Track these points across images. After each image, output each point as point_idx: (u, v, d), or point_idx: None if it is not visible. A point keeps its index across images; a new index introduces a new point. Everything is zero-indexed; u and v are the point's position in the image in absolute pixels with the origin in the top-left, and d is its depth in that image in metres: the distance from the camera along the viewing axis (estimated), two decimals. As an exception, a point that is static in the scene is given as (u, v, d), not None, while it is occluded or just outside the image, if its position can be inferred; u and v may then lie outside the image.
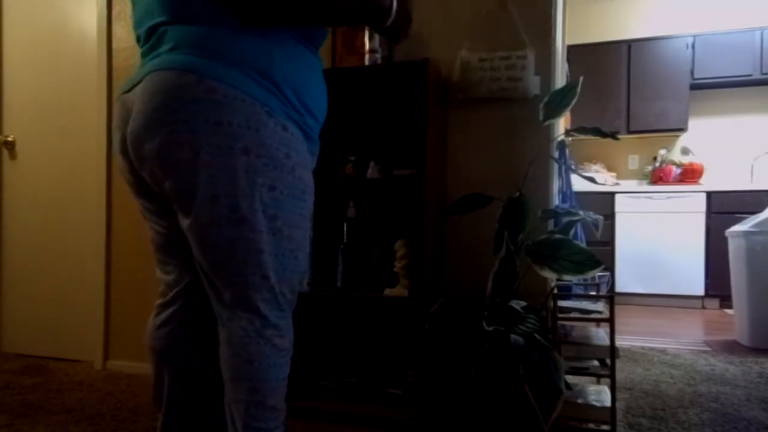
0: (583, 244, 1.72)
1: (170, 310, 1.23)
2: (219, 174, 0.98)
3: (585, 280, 2.20)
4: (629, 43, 4.92)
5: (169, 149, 0.98)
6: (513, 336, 1.55)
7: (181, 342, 1.23)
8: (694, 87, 4.85)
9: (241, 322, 1.07)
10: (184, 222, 1.04)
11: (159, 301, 1.26)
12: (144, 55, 1.09)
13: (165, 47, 1.02)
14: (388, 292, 1.91)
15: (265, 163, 1.00)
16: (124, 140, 1.07)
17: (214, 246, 1.03)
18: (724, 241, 3.45)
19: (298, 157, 1.06)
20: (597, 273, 1.59)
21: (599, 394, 1.80)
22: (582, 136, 1.97)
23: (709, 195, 4.47)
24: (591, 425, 1.73)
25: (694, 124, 4.94)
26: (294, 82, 1.05)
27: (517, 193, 1.77)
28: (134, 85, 1.05)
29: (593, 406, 1.71)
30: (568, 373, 1.72)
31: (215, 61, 0.98)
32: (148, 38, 1.07)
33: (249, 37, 1.01)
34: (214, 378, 1.22)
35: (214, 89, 0.97)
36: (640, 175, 5.13)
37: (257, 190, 1.01)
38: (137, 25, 1.11)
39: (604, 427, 1.71)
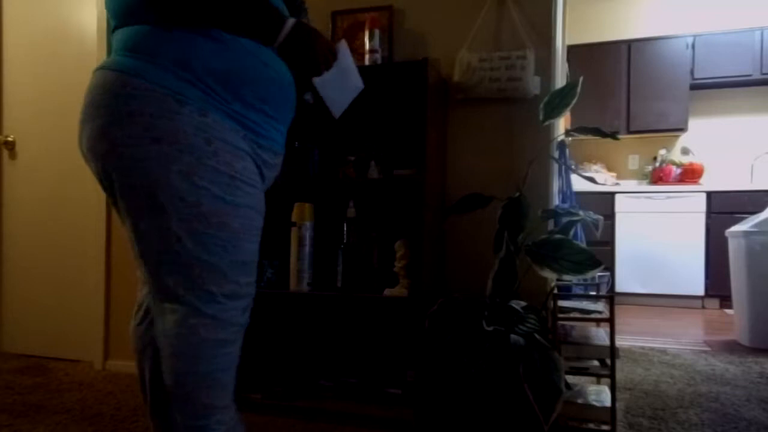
0: (583, 244, 1.72)
1: (143, 308, 1.26)
2: (133, 164, 1.01)
3: (585, 280, 2.20)
4: (629, 43, 4.92)
5: (94, 143, 1.04)
6: (513, 336, 1.55)
7: (153, 340, 1.22)
8: (694, 87, 4.85)
9: (169, 314, 1.06)
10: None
11: (137, 299, 1.29)
12: None
13: (113, 50, 1.10)
14: (388, 292, 1.91)
15: (179, 150, 1.01)
16: None
17: (140, 236, 1.05)
18: (724, 241, 3.45)
19: (222, 143, 1.05)
20: (597, 273, 1.60)
21: (599, 394, 1.80)
22: (582, 136, 1.97)
23: (709, 195, 4.47)
24: (591, 425, 1.73)
25: (694, 124, 4.94)
26: (220, 72, 1.05)
27: (517, 193, 1.77)
28: None
29: (593, 406, 1.71)
30: (568, 373, 1.72)
31: (134, 57, 1.04)
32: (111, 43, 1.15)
33: (172, 32, 1.04)
34: None
35: (129, 83, 1.01)
36: (640, 175, 5.13)
37: (173, 178, 1.01)
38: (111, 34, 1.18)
39: (604, 427, 1.71)
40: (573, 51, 4.78)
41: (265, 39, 1.08)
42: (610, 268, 4.57)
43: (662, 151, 4.99)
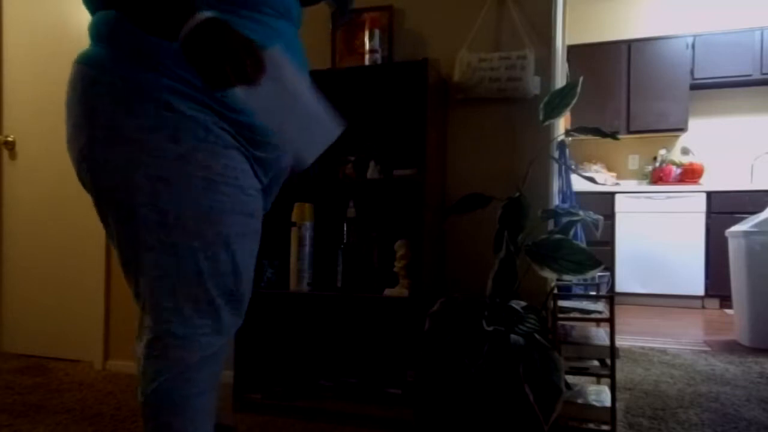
0: (583, 244, 1.72)
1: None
2: (100, 167, 0.93)
3: (585, 280, 2.20)
4: (629, 43, 4.92)
5: (69, 144, 0.97)
6: (513, 336, 1.55)
7: None
8: (694, 87, 4.85)
9: (144, 332, 0.98)
10: None
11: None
12: None
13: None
14: (388, 292, 1.91)
15: (145, 152, 0.90)
16: None
17: (117, 244, 0.98)
18: (724, 241, 3.45)
19: (194, 141, 0.92)
20: (597, 273, 1.60)
21: (599, 394, 1.80)
22: (582, 136, 1.97)
23: (709, 195, 4.47)
24: (591, 425, 1.73)
25: (694, 124, 4.94)
26: None
27: (517, 193, 1.77)
28: None
29: (593, 406, 1.71)
30: (568, 373, 1.72)
31: (99, 47, 0.95)
32: None
33: None
34: None
35: (90, 77, 0.93)
36: (640, 175, 5.13)
37: (139, 182, 0.90)
38: None
39: (604, 427, 1.71)
40: (573, 51, 4.78)
41: (166, 33, 0.84)
42: (610, 268, 4.57)
43: (662, 151, 4.99)
